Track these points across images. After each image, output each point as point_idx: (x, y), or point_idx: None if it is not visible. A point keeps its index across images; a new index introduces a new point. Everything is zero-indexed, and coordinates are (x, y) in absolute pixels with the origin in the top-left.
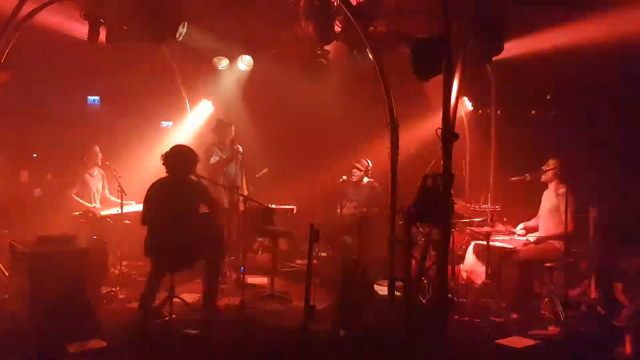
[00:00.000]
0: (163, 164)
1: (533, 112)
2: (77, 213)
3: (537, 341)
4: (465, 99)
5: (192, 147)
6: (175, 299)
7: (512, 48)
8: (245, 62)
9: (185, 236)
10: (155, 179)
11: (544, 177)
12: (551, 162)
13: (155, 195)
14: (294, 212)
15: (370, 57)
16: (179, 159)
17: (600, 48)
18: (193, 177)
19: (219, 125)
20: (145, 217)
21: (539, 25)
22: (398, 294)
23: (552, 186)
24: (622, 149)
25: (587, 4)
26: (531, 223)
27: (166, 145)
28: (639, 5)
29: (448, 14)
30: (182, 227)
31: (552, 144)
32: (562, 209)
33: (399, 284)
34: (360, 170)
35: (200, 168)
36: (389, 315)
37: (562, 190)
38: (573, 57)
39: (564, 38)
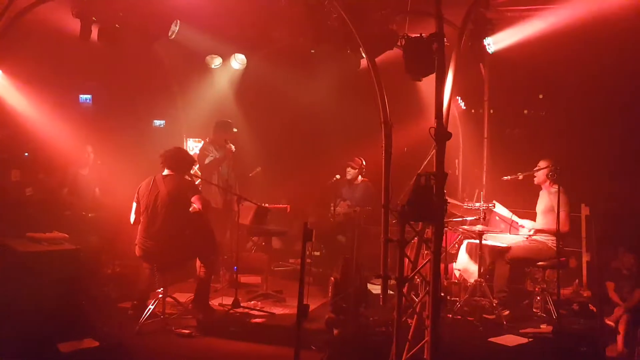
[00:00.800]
0: (162, 161)
1: (525, 111)
2: (69, 212)
3: (530, 339)
4: (458, 98)
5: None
6: (168, 298)
7: (505, 38)
8: (238, 61)
9: (176, 234)
10: (146, 178)
11: (536, 180)
12: (542, 163)
13: (146, 194)
14: (288, 211)
15: (364, 56)
16: (178, 157)
17: (593, 46)
18: (185, 177)
19: (220, 124)
20: (136, 216)
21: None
22: (391, 292)
23: (545, 186)
24: (615, 147)
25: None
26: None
27: (159, 145)
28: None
29: (441, 13)
30: (172, 226)
31: (545, 143)
32: (556, 208)
33: (392, 282)
34: (354, 169)
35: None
36: (382, 314)
37: (553, 189)
38: (565, 56)
39: (555, 37)
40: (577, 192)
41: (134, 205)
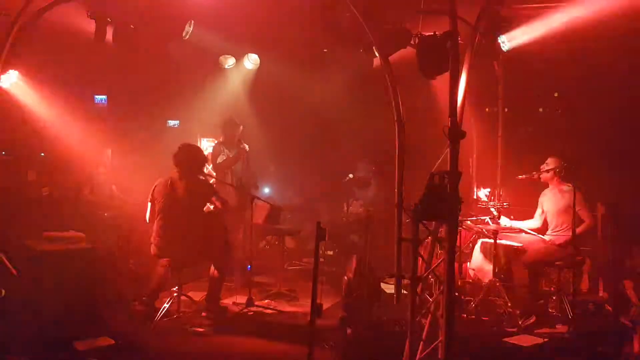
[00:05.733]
0: (174, 164)
1: (540, 109)
2: (86, 211)
3: (545, 339)
4: (472, 96)
5: (199, 146)
6: (182, 297)
7: (519, 36)
8: (251, 61)
9: (191, 234)
10: (162, 178)
11: (543, 177)
12: (550, 161)
13: (162, 194)
14: (301, 210)
15: (377, 55)
16: (188, 157)
17: (611, 42)
18: (200, 177)
19: (228, 124)
20: (152, 215)
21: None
22: (405, 292)
23: (553, 185)
24: (632, 146)
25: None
26: (532, 223)
27: (173, 145)
28: None
29: (455, 11)
30: (188, 225)
31: (561, 141)
32: (576, 207)
33: (405, 282)
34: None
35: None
36: (395, 313)
37: (566, 187)
38: (580, 54)
39: (571, 35)
40: (593, 191)
41: (149, 204)
